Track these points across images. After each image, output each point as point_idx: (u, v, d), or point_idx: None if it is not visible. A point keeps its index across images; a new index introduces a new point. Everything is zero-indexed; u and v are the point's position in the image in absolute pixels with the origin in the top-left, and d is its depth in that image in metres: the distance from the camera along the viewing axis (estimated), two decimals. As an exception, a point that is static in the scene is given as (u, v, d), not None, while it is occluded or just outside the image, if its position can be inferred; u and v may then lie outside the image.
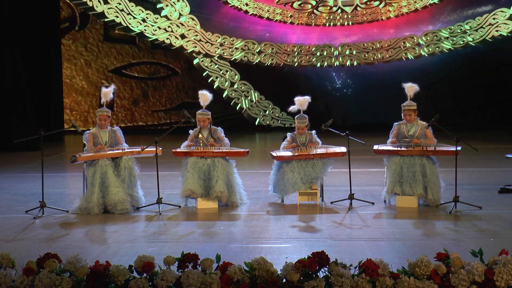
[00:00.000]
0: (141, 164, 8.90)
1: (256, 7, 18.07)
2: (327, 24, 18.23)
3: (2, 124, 15.35)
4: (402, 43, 18.16)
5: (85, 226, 7.95)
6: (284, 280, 5.18)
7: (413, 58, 18.16)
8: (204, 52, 18.05)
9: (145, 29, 17.62)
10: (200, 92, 9.10)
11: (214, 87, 18.10)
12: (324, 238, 7.28)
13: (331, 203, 8.90)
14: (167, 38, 17.79)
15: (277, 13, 18.11)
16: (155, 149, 8.71)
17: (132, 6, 17.39)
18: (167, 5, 17.79)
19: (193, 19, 17.83)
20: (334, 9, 18.20)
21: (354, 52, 18.22)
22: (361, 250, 6.67)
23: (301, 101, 9.05)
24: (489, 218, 7.95)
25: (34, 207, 8.57)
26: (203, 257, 5.34)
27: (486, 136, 16.14)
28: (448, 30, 18.12)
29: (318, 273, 5.20)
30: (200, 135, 8.85)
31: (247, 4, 18.04)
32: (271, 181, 9.10)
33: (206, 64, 18.15)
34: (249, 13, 18.03)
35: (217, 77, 18.29)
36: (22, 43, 15.59)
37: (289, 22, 18.14)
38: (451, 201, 8.39)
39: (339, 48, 18.27)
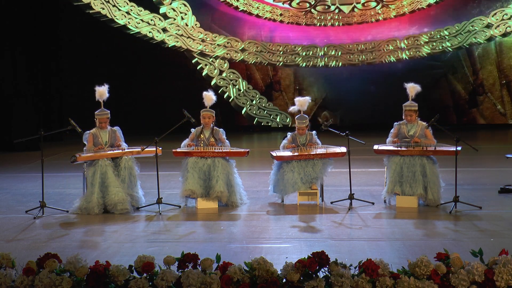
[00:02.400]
0: (141, 164, 8.90)
1: (292, 15, 18.26)
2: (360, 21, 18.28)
3: (2, 124, 15.35)
4: (471, 27, 17.93)
5: (85, 226, 7.95)
6: (284, 280, 5.18)
7: (485, 41, 17.97)
8: (266, 62, 18.28)
9: (205, 48, 18.31)
10: (204, 93, 9.10)
11: (203, 74, 18.28)
12: (324, 238, 7.28)
13: (331, 203, 8.90)
14: (227, 53, 18.34)
15: (314, 18, 18.26)
16: (155, 149, 8.72)
17: (191, 30, 18.16)
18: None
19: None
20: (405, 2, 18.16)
21: (422, 42, 18.08)
22: (361, 250, 6.67)
23: (302, 102, 9.05)
24: (489, 218, 7.95)
25: (34, 207, 8.57)
26: (203, 257, 5.34)
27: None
28: None
29: (318, 273, 5.20)
30: (201, 135, 8.86)
31: (281, 15, 18.21)
32: (271, 181, 9.10)
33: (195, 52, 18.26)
34: (286, 22, 18.27)
35: (206, 65, 18.33)
36: (22, 43, 15.59)
37: (327, 24, 18.23)
38: (451, 201, 8.39)
39: (405, 40, 18.15)
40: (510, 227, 7.58)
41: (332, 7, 18.24)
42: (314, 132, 9.13)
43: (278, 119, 18.29)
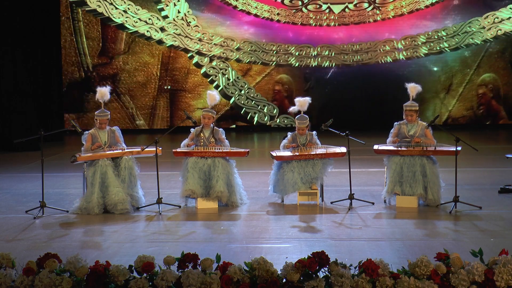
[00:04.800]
0: (141, 164, 8.90)
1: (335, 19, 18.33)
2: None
3: (2, 124, 15.35)
4: None
5: (85, 226, 7.95)
6: (284, 280, 5.18)
7: None
8: (340, 63, 18.33)
9: (279, 60, 18.29)
10: (208, 92, 9.13)
11: (193, 62, 18.29)
12: (324, 238, 7.28)
13: (331, 203, 8.90)
14: (301, 60, 18.34)
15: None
16: (155, 149, 8.72)
17: (264, 44, 18.22)
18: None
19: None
20: None
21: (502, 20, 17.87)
22: (361, 250, 6.67)
23: (302, 102, 9.05)
24: (489, 218, 7.95)
25: (34, 207, 8.57)
26: (203, 257, 5.34)
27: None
28: None
29: (318, 273, 5.20)
30: (201, 134, 8.86)
31: (327, 18, 18.20)
32: (271, 181, 9.10)
33: (187, 42, 18.27)
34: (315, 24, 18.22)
35: (197, 53, 18.33)
36: (22, 43, 15.58)
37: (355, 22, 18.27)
38: (451, 201, 8.39)
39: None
40: (510, 227, 7.58)
41: None
42: (314, 132, 9.12)
43: (265, 110, 18.26)
